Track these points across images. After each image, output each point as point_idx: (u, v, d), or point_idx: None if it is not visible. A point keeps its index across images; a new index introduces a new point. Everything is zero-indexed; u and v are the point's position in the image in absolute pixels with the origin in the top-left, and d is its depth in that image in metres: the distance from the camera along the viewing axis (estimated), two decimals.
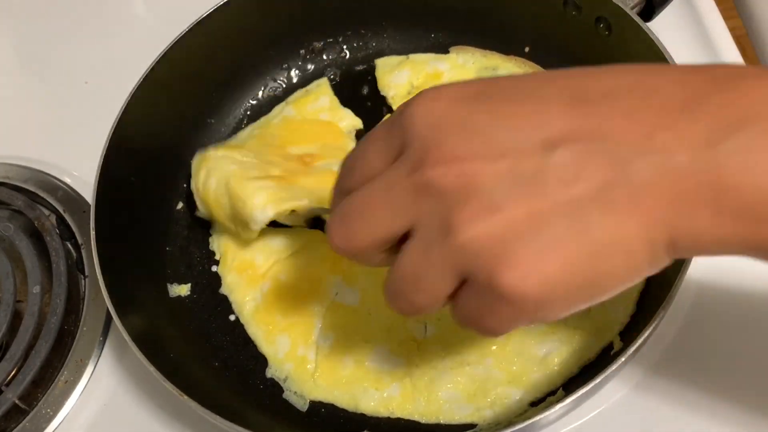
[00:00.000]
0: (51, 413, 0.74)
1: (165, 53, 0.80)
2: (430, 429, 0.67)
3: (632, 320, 0.67)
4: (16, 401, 0.73)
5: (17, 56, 1.06)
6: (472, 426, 0.66)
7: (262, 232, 0.78)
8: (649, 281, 0.68)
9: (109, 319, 0.78)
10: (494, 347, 0.68)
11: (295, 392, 0.71)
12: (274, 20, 0.88)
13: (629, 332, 0.66)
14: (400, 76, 0.86)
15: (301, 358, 0.72)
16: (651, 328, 0.57)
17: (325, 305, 0.74)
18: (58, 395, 0.75)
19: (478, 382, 0.67)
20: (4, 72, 1.04)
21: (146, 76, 0.79)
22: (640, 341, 0.57)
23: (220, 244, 0.81)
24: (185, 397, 0.61)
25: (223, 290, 0.78)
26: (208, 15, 0.82)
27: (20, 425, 0.73)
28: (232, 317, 0.77)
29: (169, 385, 0.62)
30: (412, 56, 0.88)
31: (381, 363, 0.70)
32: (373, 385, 0.69)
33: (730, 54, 0.82)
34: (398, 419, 0.68)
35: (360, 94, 0.89)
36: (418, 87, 0.85)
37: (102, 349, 0.77)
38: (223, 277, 0.79)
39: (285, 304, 0.75)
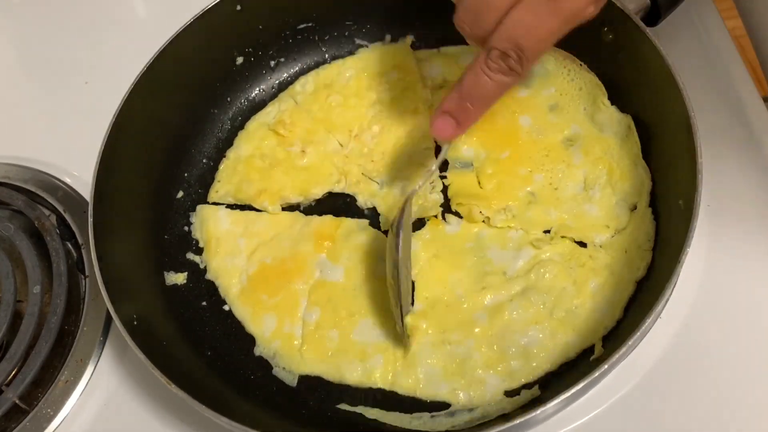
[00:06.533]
0: (51, 413, 0.74)
1: (165, 48, 0.81)
2: (406, 402, 0.68)
3: (618, 326, 0.67)
4: (17, 401, 0.74)
5: (17, 56, 1.06)
6: (447, 405, 0.67)
7: (243, 216, 0.81)
8: (640, 287, 0.68)
9: (109, 319, 0.78)
10: (477, 329, 0.69)
11: (284, 368, 0.72)
12: (275, 14, 0.89)
13: (613, 338, 0.66)
14: (433, 69, 0.87)
15: (287, 334, 0.73)
16: (636, 336, 0.57)
17: (310, 283, 0.75)
18: (58, 395, 0.75)
19: (456, 361, 0.68)
20: (4, 72, 1.04)
21: (147, 68, 0.80)
22: (624, 349, 0.57)
23: (203, 232, 0.82)
24: (173, 386, 0.62)
25: (209, 276, 0.79)
26: (208, 10, 0.83)
27: (21, 425, 0.73)
28: (226, 307, 0.78)
29: (157, 373, 0.63)
30: (443, 49, 0.88)
31: (366, 335, 0.71)
32: (358, 357, 0.71)
33: (730, 54, 0.82)
34: (377, 392, 0.69)
35: None
36: (452, 81, 0.86)
37: (102, 349, 0.77)
38: (207, 263, 0.80)
39: (270, 284, 0.76)
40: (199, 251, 0.82)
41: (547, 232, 0.74)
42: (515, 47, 0.55)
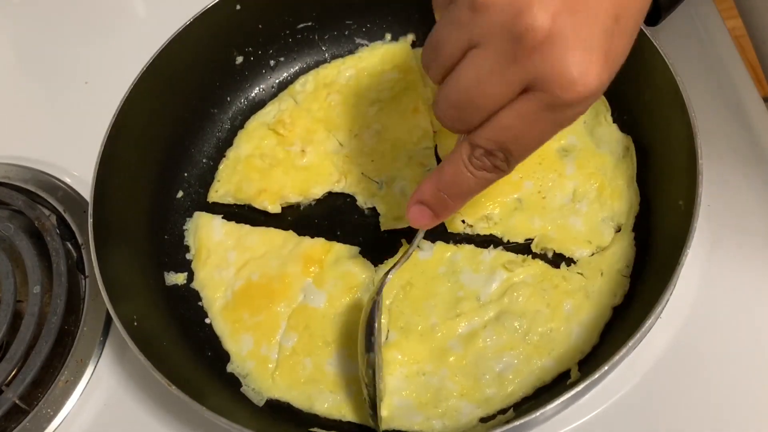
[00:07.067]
0: (51, 413, 0.74)
1: (165, 47, 0.81)
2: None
3: (593, 351, 0.67)
4: (17, 401, 0.74)
5: (17, 56, 1.06)
6: None
7: (237, 229, 0.80)
8: (617, 313, 0.68)
9: (109, 320, 0.78)
10: (451, 358, 0.68)
11: (253, 389, 0.72)
12: (274, 14, 0.89)
13: (588, 363, 0.66)
14: None
15: (263, 357, 0.73)
16: (636, 337, 0.57)
17: (292, 307, 0.75)
18: (58, 395, 0.75)
19: (431, 392, 0.68)
20: (4, 72, 1.04)
21: (147, 68, 0.80)
22: (600, 373, 0.57)
23: (196, 239, 0.81)
24: (174, 388, 0.62)
25: (195, 285, 0.79)
26: (208, 9, 0.83)
27: (21, 425, 0.73)
28: (207, 320, 0.77)
29: (158, 375, 0.63)
30: None
31: (339, 366, 0.70)
32: (329, 388, 0.70)
33: (730, 54, 0.82)
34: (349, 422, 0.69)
35: None
36: None
37: (102, 349, 0.77)
38: (195, 272, 0.80)
39: (253, 303, 0.76)
40: None
41: (529, 240, 0.74)
42: (503, 150, 0.50)
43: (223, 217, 0.82)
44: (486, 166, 0.52)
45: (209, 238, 0.81)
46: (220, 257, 0.79)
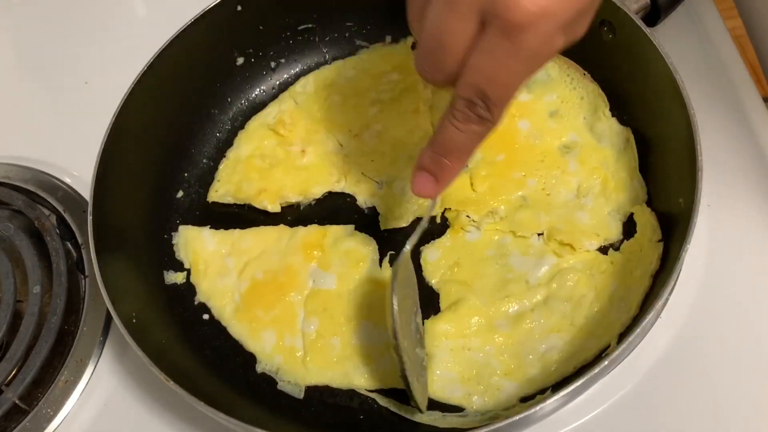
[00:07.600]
0: (51, 413, 0.74)
1: (165, 48, 0.81)
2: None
3: (634, 323, 0.66)
4: (17, 401, 0.74)
5: (17, 56, 1.06)
6: (460, 409, 0.67)
7: (228, 236, 0.80)
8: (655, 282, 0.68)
9: (109, 319, 0.78)
10: (498, 337, 0.69)
11: (289, 381, 0.72)
12: (275, 15, 0.89)
13: (628, 334, 0.66)
14: None
15: (289, 348, 0.73)
16: (639, 330, 0.57)
17: (304, 294, 0.75)
18: (58, 395, 0.75)
19: (475, 368, 0.68)
20: (4, 72, 1.04)
21: (147, 68, 0.80)
22: (625, 344, 0.57)
23: (188, 253, 0.81)
24: (171, 383, 0.62)
25: (200, 298, 0.78)
26: (208, 10, 0.83)
27: (20, 425, 0.73)
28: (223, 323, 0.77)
29: (155, 369, 0.63)
30: None
31: (367, 338, 0.71)
32: (363, 361, 0.70)
33: (730, 54, 0.82)
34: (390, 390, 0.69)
35: None
36: None
37: (102, 349, 0.77)
38: (197, 286, 0.79)
39: (265, 299, 0.76)
40: None
41: (540, 234, 0.74)
42: (480, 95, 0.50)
43: (210, 227, 0.82)
44: (471, 118, 0.53)
45: (203, 249, 0.80)
46: (219, 265, 0.79)
